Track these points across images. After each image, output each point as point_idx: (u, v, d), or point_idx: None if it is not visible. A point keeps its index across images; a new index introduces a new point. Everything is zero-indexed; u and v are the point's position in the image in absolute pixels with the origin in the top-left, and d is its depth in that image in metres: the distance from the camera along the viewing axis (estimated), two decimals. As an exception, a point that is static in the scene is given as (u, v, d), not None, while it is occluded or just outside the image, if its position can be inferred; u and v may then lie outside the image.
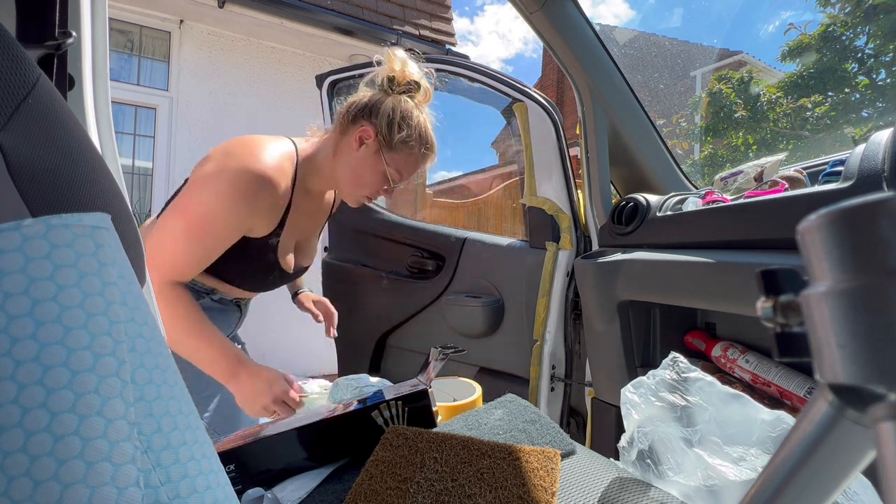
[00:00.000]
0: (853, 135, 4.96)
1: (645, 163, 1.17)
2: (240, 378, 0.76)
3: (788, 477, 0.21)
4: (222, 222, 0.76)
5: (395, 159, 0.84)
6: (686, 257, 0.81)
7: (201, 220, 0.75)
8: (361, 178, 0.85)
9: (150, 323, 0.27)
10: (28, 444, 0.20)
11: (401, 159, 0.85)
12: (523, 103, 1.25)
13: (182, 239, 0.75)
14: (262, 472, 0.53)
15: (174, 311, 0.74)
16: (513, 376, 1.30)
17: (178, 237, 0.75)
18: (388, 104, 0.82)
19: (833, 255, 0.16)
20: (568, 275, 1.19)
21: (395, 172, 0.85)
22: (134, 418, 0.23)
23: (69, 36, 0.55)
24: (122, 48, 2.92)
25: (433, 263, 1.45)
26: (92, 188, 0.36)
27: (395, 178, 0.86)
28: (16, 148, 0.30)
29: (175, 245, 0.75)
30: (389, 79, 0.84)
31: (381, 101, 0.83)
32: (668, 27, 22.63)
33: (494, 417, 0.62)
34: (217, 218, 0.75)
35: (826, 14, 5.55)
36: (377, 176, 0.85)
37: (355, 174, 0.85)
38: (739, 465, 0.44)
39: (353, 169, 0.85)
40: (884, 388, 0.15)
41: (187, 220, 0.75)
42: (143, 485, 0.22)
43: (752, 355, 0.83)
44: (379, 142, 0.83)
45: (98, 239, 0.25)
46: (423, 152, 0.87)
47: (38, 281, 0.22)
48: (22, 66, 0.31)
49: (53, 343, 0.21)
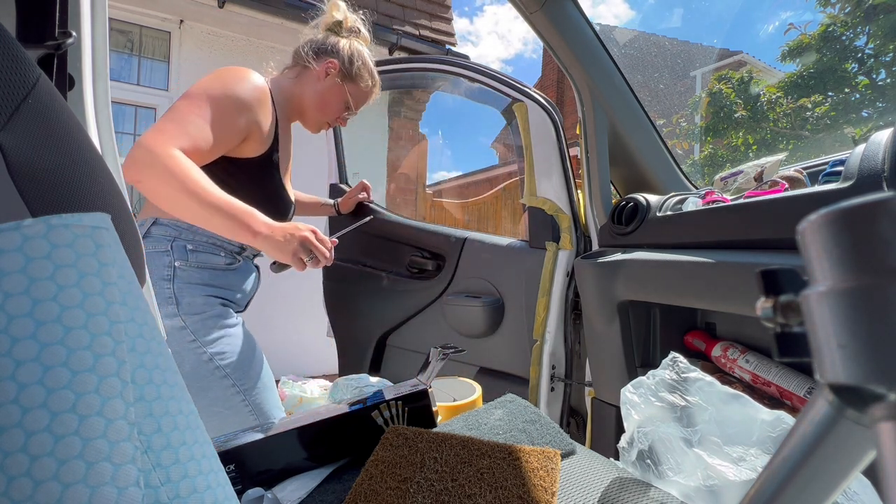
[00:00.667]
0: (853, 135, 4.96)
1: (645, 163, 1.17)
2: (265, 231, 0.77)
3: (788, 477, 0.21)
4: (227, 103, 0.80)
5: (353, 89, 1.01)
6: (686, 257, 0.81)
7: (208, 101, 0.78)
8: (327, 103, 1.00)
9: (150, 323, 0.27)
10: (28, 444, 0.20)
11: (357, 90, 1.02)
12: (523, 103, 1.25)
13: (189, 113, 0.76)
14: (262, 472, 0.53)
15: (183, 173, 0.71)
16: (513, 376, 1.30)
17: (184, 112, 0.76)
18: (345, 44, 0.99)
19: (833, 255, 0.16)
20: (568, 275, 1.19)
21: (353, 100, 1.02)
22: (134, 418, 0.23)
23: (69, 36, 0.55)
24: (122, 48, 2.92)
25: (433, 263, 1.45)
26: (92, 188, 0.36)
27: (352, 105, 1.02)
28: (16, 148, 0.30)
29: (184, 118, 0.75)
30: (337, 23, 1.01)
31: (337, 41, 0.99)
32: (668, 27, 22.62)
33: (494, 417, 0.62)
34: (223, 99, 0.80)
35: (826, 14, 5.55)
36: (339, 103, 1.01)
37: (322, 100, 0.99)
38: (739, 465, 0.44)
39: (320, 95, 0.98)
40: (884, 388, 0.15)
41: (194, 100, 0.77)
42: (144, 485, 0.22)
43: (752, 355, 0.83)
44: (342, 73, 0.99)
45: (98, 239, 0.25)
46: (372, 85, 1.04)
47: (39, 281, 0.22)
48: (22, 66, 0.31)
49: (54, 343, 0.21)
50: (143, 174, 0.70)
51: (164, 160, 0.70)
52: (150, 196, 0.73)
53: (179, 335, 0.83)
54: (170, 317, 0.83)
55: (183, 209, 0.73)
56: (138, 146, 0.70)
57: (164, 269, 0.83)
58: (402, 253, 1.51)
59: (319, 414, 0.60)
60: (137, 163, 0.70)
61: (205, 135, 0.77)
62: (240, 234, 0.76)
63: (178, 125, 0.74)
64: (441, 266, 1.44)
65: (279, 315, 2.89)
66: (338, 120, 1.04)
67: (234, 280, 0.93)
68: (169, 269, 0.83)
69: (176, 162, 0.71)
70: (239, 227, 0.75)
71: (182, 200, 0.71)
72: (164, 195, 0.71)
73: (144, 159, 0.70)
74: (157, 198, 0.72)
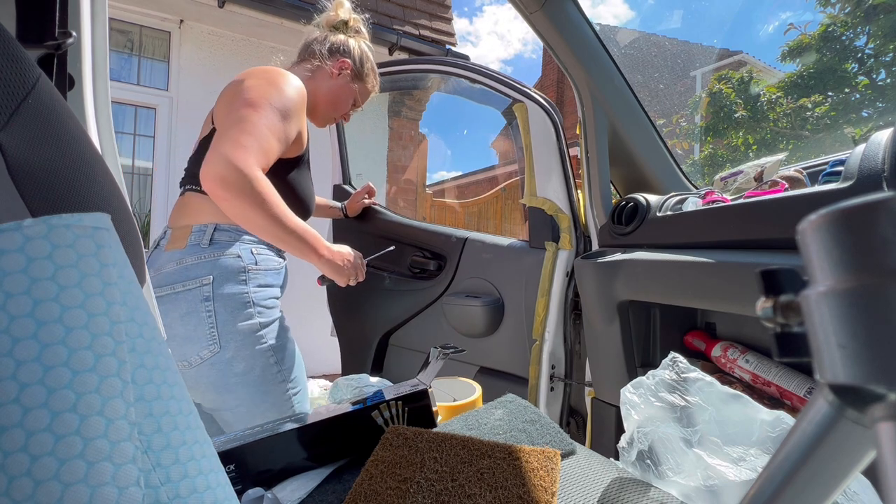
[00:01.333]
0: (853, 135, 4.96)
1: (645, 163, 1.17)
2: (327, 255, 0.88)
3: (788, 477, 0.21)
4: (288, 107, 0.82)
5: (361, 89, 1.06)
6: (686, 257, 0.81)
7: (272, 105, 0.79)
8: (338, 100, 1.03)
9: (150, 323, 0.27)
10: (29, 443, 0.20)
11: (363, 90, 1.07)
12: (523, 104, 1.25)
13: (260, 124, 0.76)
14: (262, 472, 0.53)
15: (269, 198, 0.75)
16: (513, 376, 1.30)
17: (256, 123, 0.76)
18: (355, 45, 1.03)
19: (833, 255, 0.16)
20: (568, 275, 1.19)
21: (360, 99, 1.07)
22: (134, 418, 0.23)
23: (69, 36, 0.55)
24: (122, 48, 2.92)
25: (434, 263, 1.45)
26: (92, 188, 0.36)
27: (357, 103, 1.08)
28: (16, 148, 0.30)
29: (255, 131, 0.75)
30: (343, 22, 1.05)
31: (347, 41, 1.03)
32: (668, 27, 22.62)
33: (494, 417, 0.62)
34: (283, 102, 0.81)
35: (826, 14, 5.55)
36: (349, 101, 1.05)
37: (334, 97, 1.02)
38: (739, 465, 0.44)
39: (333, 92, 1.01)
40: (884, 388, 0.15)
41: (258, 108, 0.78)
42: (144, 485, 0.22)
43: (752, 355, 0.83)
44: (354, 74, 1.03)
45: (99, 240, 0.25)
46: (376, 85, 1.10)
47: (40, 281, 0.22)
48: (22, 66, 0.31)
49: (55, 343, 0.21)
50: (232, 195, 0.71)
51: (254, 184, 0.72)
52: (233, 215, 0.74)
53: (255, 338, 0.83)
54: (248, 319, 0.83)
55: (263, 230, 0.77)
56: (226, 164, 0.71)
57: (239, 273, 0.83)
58: (404, 253, 1.51)
59: (319, 414, 0.60)
60: (228, 183, 0.71)
61: (273, 147, 0.79)
62: (308, 256, 0.84)
63: (255, 140, 0.75)
64: (442, 266, 1.44)
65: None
66: (344, 116, 1.08)
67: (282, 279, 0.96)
68: (244, 273, 0.84)
69: (263, 186, 0.74)
70: (309, 250, 0.84)
71: (266, 224, 0.75)
72: (250, 218, 0.74)
73: (236, 182, 0.71)
74: (239, 217, 0.74)
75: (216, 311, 0.81)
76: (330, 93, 1.01)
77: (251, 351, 0.83)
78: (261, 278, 0.87)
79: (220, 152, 0.71)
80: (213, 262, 0.82)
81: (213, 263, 0.82)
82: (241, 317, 0.82)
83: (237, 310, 0.82)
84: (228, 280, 0.82)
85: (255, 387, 0.83)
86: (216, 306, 0.81)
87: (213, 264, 0.81)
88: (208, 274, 0.81)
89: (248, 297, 0.83)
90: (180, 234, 0.85)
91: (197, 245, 0.83)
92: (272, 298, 0.89)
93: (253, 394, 0.83)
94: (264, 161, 0.76)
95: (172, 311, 0.80)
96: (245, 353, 0.82)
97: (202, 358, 0.80)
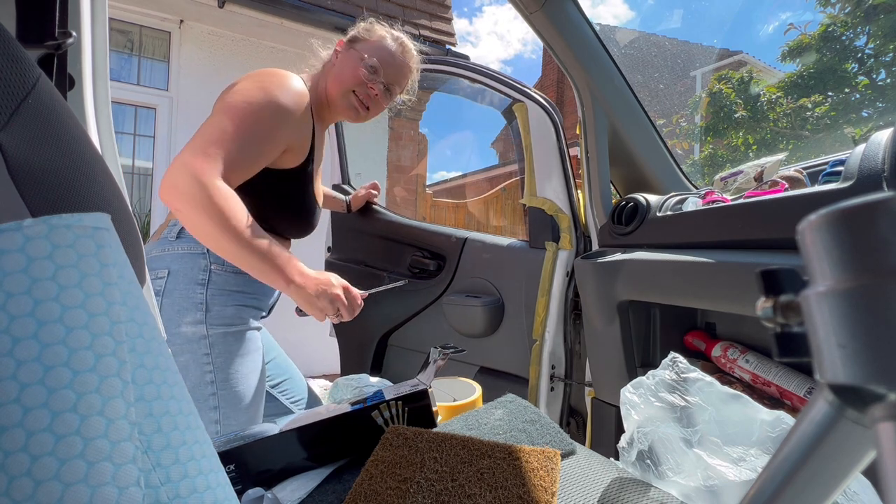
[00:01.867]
0: (853, 135, 4.96)
1: (645, 163, 1.17)
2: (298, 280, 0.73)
3: (788, 477, 0.21)
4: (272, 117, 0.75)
5: (366, 47, 0.91)
6: (686, 257, 0.81)
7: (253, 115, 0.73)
8: (343, 74, 0.90)
9: (150, 323, 0.27)
10: (29, 443, 0.20)
11: (370, 45, 0.91)
12: (523, 104, 1.25)
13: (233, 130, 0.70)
14: (262, 472, 0.53)
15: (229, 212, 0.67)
16: (513, 376, 1.30)
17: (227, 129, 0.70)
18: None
19: (833, 255, 0.16)
20: (568, 275, 1.19)
21: (371, 58, 0.90)
22: (135, 418, 0.23)
23: (69, 36, 0.55)
24: (122, 48, 2.92)
25: (434, 263, 1.45)
26: (92, 188, 0.36)
27: (372, 64, 0.90)
28: (16, 148, 0.30)
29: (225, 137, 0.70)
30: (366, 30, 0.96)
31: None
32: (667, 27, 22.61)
33: (494, 417, 0.62)
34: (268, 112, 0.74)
35: (826, 14, 5.55)
36: (355, 68, 0.90)
37: (337, 76, 0.91)
38: (739, 465, 0.44)
39: (335, 73, 0.91)
40: (884, 388, 0.15)
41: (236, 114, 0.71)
42: (144, 485, 0.22)
43: (752, 355, 0.83)
44: (349, 41, 0.93)
45: (99, 240, 0.25)
46: (393, 39, 0.94)
47: (40, 281, 0.22)
48: (22, 66, 0.31)
49: (55, 343, 0.21)
50: (184, 204, 0.66)
51: (209, 192, 0.65)
52: (188, 226, 0.69)
53: (197, 345, 0.77)
54: (194, 324, 0.77)
55: (220, 247, 0.69)
56: (181, 170, 0.65)
57: (200, 272, 0.78)
58: (404, 253, 1.51)
59: (319, 414, 0.60)
60: (180, 191, 0.65)
61: (248, 154, 0.72)
62: (273, 280, 0.72)
63: (221, 147, 0.69)
64: (442, 266, 1.44)
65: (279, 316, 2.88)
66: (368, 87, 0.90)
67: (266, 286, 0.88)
68: (204, 272, 0.79)
69: (220, 196, 0.66)
70: (275, 274, 0.71)
71: (223, 241, 0.67)
72: (207, 233, 0.67)
73: (188, 189, 0.65)
74: (193, 229, 0.68)
75: (162, 307, 0.76)
76: (332, 78, 0.91)
77: (185, 358, 0.76)
78: (228, 283, 0.81)
79: (180, 160, 0.66)
80: (174, 255, 0.78)
81: (174, 257, 0.78)
82: (186, 318, 0.77)
83: (184, 310, 0.77)
84: (185, 277, 0.77)
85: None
86: (164, 302, 0.76)
87: (174, 258, 0.78)
88: (164, 268, 0.78)
89: (202, 300, 0.78)
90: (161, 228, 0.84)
91: (165, 238, 0.80)
92: (239, 307, 0.82)
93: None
94: (233, 171, 0.70)
95: None
96: (180, 360, 0.76)
97: None
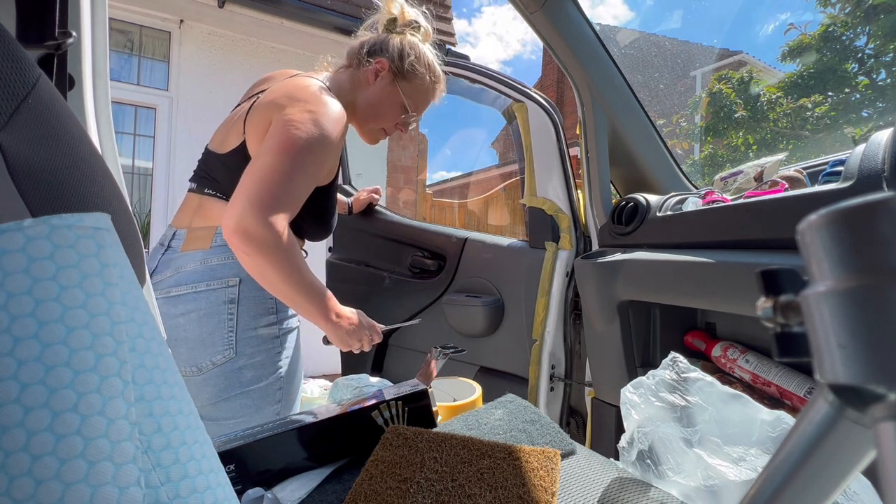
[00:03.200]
0: (853, 135, 4.96)
1: (645, 163, 1.17)
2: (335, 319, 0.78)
3: (788, 477, 0.21)
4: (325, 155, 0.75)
5: (408, 88, 0.90)
6: (686, 257, 0.81)
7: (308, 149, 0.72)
8: (379, 109, 0.89)
9: (150, 323, 0.27)
10: (30, 443, 0.20)
11: (413, 88, 0.90)
12: (523, 104, 1.25)
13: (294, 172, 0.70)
14: (262, 472, 0.53)
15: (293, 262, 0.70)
16: (513, 376, 1.30)
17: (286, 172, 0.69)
18: (396, 40, 0.89)
19: (833, 255, 0.16)
20: (568, 275, 1.19)
21: (410, 102, 0.90)
22: (135, 418, 0.23)
23: (69, 36, 0.55)
24: (122, 48, 2.92)
25: (434, 263, 1.45)
26: (92, 188, 0.36)
27: (410, 107, 0.91)
28: (16, 148, 0.30)
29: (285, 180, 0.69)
30: (391, 20, 0.91)
31: (390, 38, 0.89)
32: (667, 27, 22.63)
33: (494, 417, 0.62)
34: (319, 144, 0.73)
35: (826, 14, 5.55)
36: (394, 107, 0.90)
37: (373, 107, 0.89)
38: (739, 465, 0.44)
39: (371, 102, 0.89)
40: (884, 388, 0.15)
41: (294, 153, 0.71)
42: (144, 484, 0.22)
43: (752, 355, 0.83)
44: (392, 72, 0.88)
45: (100, 240, 0.25)
46: (432, 81, 0.92)
47: (41, 281, 0.22)
48: (22, 66, 0.31)
49: (56, 343, 0.21)
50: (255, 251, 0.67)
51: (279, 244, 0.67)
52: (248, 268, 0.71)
53: (272, 344, 0.81)
54: (269, 325, 0.80)
55: (274, 288, 0.72)
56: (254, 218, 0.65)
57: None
58: (404, 253, 1.51)
59: (319, 414, 0.60)
60: (252, 240, 0.66)
61: (305, 191, 0.73)
62: (314, 318, 0.77)
63: (289, 193, 0.69)
64: (442, 266, 1.44)
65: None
66: (398, 126, 0.93)
67: None
68: None
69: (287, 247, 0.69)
70: (317, 314, 0.76)
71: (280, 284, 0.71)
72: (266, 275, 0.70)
73: (261, 239, 0.66)
74: (254, 272, 0.71)
75: (239, 314, 0.78)
76: (367, 103, 0.89)
77: (263, 358, 0.80)
78: None
79: (249, 202, 0.66)
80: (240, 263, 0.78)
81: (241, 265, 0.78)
82: (263, 322, 0.80)
83: (260, 315, 0.80)
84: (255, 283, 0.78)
85: (254, 400, 0.80)
86: (240, 309, 0.78)
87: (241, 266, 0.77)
88: (235, 275, 0.78)
89: (273, 303, 0.81)
90: (202, 234, 0.80)
91: (224, 246, 0.79)
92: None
93: (248, 407, 0.80)
94: (293, 210, 0.72)
95: (191, 311, 0.76)
96: (257, 361, 0.79)
97: (214, 363, 0.77)
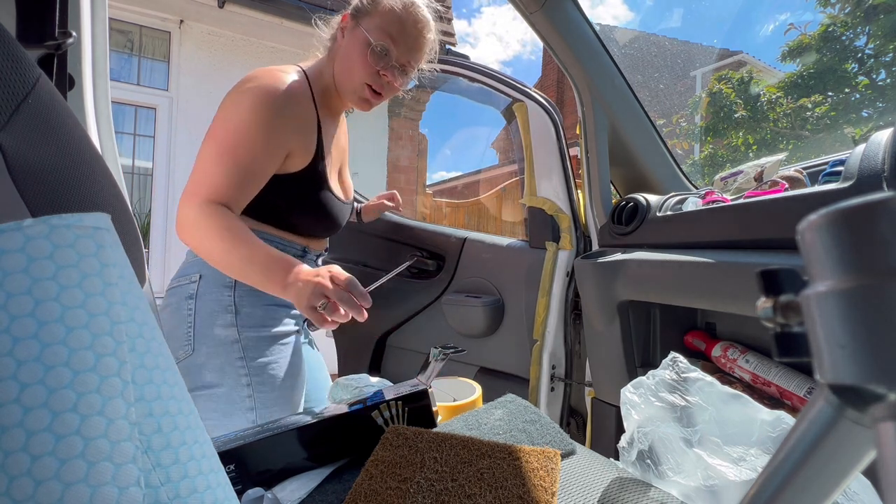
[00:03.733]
0: (853, 135, 4.96)
1: (645, 163, 1.17)
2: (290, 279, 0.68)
3: (788, 477, 0.21)
4: (254, 135, 0.73)
5: (373, 22, 0.79)
6: (686, 257, 0.81)
7: (232, 137, 0.73)
8: (350, 60, 0.81)
9: (150, 323, 0.27)
10: (29, 443, 0.20)
11: (379, 19, 0.79)
12: (523, 103, 1.25)
13: (215, 158, 0.72)
14: (262, 472, 0.53)
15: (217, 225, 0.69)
16: (513, 376, 1.30)
17: (211, 158, 0.73)
18: None
19: (833, 255, 0.16)
20: (568, 275, 1.19)
21: (381, 35, 0.78)
22: (135, 418, 0.23)
23: (69, 36, 0.55)
24: (122, 48, 2.92)
25: (434, 263, 1.45)
26: (92, 188, 0.36)
27: (383, 40, 0.79)
28: (16, 148, 0.30)
29: (209, 166, 0.72)
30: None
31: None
32: (667, 27, 22.60)
33: (494, 417, 0.62)
34: (248, 131, 0.73)
35: (826, 14, 5.55)
36: (363, 54, 0.79)
37: (343, 61, 0.82)
38: (739, 465, 0.44)
39: (341, 58, 0.82)
40: (884, 388, 0.15)
41: (217, 141, 0.74)
42: (144, 485, 0.22)
43: (752, 355, 0.83)
44: (354, 15, 0.81)
45: (99, 240, 0.25)
46: (400, 7, 0.79)
47: (41, 281, 0.22)
48: (22, 66, 0.31)
49: (55, 343, 0.21)
50: (187, 236, 0.71)
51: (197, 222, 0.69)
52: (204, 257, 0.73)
53: (230, 349, 0.77)
54: (225, 327, 0.78)
55: (220, 265, 0.72)
56: (181, 205, 0.71)
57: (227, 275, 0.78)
58: (403, 253, 1.51)
59: (319, 414, 0.60)
60: (180, 224, 0.71)
61: (240, 176, 0.73)
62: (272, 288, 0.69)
63: (207, 176, 0.72)
64: (441, 266, 1.44)
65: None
66: (381, 73, 0.81)
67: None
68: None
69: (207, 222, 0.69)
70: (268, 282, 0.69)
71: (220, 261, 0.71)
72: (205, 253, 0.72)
73: (182, 220, 0.71)
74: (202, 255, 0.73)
75: (196, 309, 0.77)
76: (339, 61, 0.83)
77: (220, 361, 0.76)
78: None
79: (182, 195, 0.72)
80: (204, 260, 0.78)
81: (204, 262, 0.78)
82: (219, 321, 0.78)
83: (217, 312, 0.78)
84: (214, 280, 0.79)
85: (219, 404, 0.76)
86: (197, 305, 0.78)
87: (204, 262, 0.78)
88: (196, 272, 0.80)
89: (230, 302, 0.79)
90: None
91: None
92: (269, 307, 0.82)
93: (214, 410, 0.76)
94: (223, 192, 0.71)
95: (167, 306, 0.80)
96: (215, 363, 0.76)
97: (178, 358, 0.76)
